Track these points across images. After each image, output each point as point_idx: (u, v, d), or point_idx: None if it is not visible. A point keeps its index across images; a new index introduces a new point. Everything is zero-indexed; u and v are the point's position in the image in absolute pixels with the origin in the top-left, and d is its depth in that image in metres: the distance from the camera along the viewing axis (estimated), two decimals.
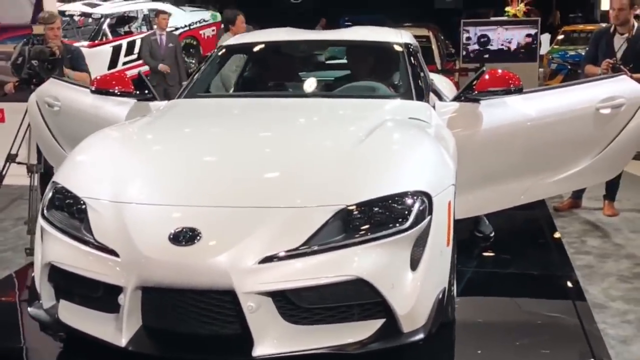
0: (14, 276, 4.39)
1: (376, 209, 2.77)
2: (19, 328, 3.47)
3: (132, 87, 4.22)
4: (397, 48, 4.46)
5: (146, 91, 4.26)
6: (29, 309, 3.04)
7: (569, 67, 12.56)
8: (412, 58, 4.37)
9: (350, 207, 2.74)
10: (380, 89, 4.29)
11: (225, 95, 4.56)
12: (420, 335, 2.74)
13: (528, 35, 11.01)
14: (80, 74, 5.80)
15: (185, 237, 2.65)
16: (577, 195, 5.78)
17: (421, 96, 4.06)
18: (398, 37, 4.60)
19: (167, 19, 9.09)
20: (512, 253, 4.53)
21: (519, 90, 3.96)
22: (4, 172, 5.59)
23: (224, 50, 4.76)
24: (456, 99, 4.17)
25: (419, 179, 2.93)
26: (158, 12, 9.32)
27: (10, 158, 5.54)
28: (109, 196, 2.90)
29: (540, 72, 13.32)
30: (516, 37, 11.11)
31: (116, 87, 4.17)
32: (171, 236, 2.65)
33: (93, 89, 4.25)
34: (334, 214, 2.71)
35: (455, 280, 3.62)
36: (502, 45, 11.05)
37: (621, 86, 4.17)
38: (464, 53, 11.11)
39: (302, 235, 2.65)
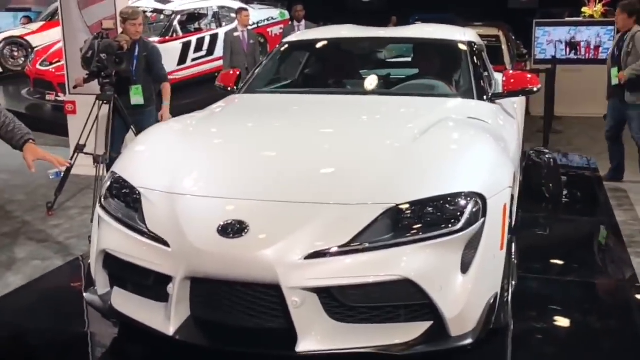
0: (76, 262, 4.54)
1: (427, 208, 2.71)
2: (80, 313, 3.56)
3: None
4: (460, 46, 4.38)
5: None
6: (84, 294, 3.14)
7: None
8: (474, 57, 4.28)
9: (401, 206, 2.70)
10: (440, 87, 4.22)
11: (284, 91, 4.58)
12: (469, 340, 2.67)
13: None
14: (164, 87, 5.97)
15: (233, 229, 2.66)
16: None
17: (483, 95, 3.97)
18: (461, 35, 4.52)
19: (249, 16, 9.31)
20: (575, 260, 4.37)
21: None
22: (72, 162, 5.79)
23: (286, 46, 4.78)
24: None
25: (473, 179, 2.85)
26: (240, 9, 9.54)
27: (79, 148, 5.74)
28: (163, 187, 2.95)
29: None
30: (593, 38, 10.75)
31: None
32: (220, 228, 2.67)
33: None
34: (383, 212, 2.67)
35: (512, 285, 3.53)
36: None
37: None
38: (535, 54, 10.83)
39: (349, 232, 2.62)
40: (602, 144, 7.04)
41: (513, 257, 3.89)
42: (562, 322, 3.52)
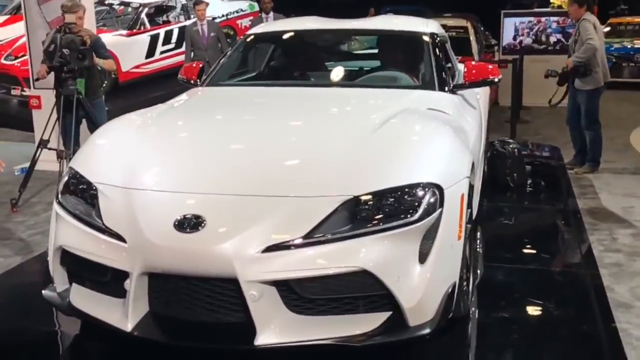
0: (40, 259, 4.47)
1: (385, 199, 2.72)
2: (42, 310, 3.51)
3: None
4: (422, 38, 4.38)
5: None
6: (43, 291, 3.09)
7: (614, 60, 12.15)
8: (436, 48, 4.29)
9: (359, 197, 2.70)
10: (402, 78, 4.23)
11: (247, 84, 4.55)
12: (427, 330, 2.69)
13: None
14: (107, 61, 5.95)
15: (190, 223, 2.64)
16: None
17: (444, 87, 3.99)
18: (424, 26, 4.53)
19: (204, 9, 9.12)
20: (538, 249, 4.45)
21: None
22: (36, 157, 5.70)
23: (250, 38, 4.75)
24: None
25: (431, 170, 2.86)
26: (195, 3, 9.35)
27: (42, 144, 5.66)
28: (119, 182, 2.92)
29: None
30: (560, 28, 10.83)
31: None
32: (176, 223, 2.65)
33: None
34: (341, 204, 2.67)
35: (479, 275, 3.57)
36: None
37: None
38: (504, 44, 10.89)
39: (307, 224, 2.62)
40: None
41: (479, 246, 3.93)
42: (526, 309, 3.58)
